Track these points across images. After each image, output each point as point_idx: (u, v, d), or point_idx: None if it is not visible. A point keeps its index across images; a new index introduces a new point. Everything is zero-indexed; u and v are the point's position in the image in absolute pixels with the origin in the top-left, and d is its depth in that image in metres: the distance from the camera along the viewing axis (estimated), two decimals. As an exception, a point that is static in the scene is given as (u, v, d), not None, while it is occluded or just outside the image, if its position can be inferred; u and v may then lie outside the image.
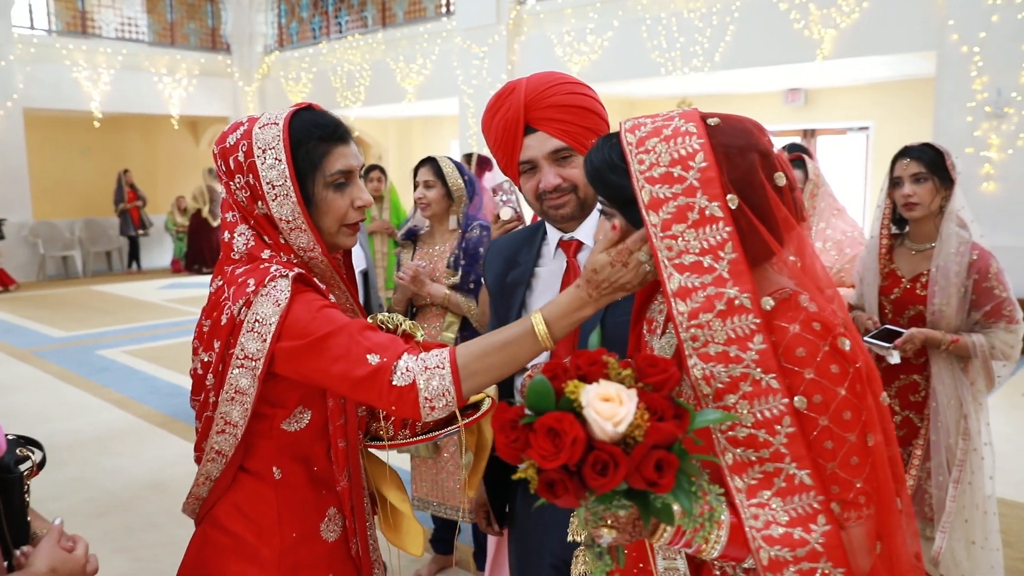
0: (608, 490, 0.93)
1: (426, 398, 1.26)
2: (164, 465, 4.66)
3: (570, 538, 1.13)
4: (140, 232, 14.39)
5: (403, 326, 1.55)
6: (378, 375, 1.26)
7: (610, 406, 0.94)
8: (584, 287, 1.24)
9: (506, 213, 2.03)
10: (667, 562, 1.22)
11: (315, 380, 1.33)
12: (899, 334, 2.44)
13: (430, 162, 3.12)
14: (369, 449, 1.63)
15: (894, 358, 2.42)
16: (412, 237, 3.26)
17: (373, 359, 1.27)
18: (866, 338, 2.47)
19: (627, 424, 0.94)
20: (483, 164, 6.35)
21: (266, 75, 14.96)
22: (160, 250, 15.36)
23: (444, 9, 12.32)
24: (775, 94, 11.50)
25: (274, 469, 1.44)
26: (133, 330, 9.00)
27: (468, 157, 6.51)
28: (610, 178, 1.18)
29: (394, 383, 1.25)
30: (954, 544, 2.39)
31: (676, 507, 1.00)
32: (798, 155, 3.13)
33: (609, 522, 1.00)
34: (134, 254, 14.69)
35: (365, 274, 5.21)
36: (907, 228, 2.61)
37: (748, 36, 8.76)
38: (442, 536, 3.31)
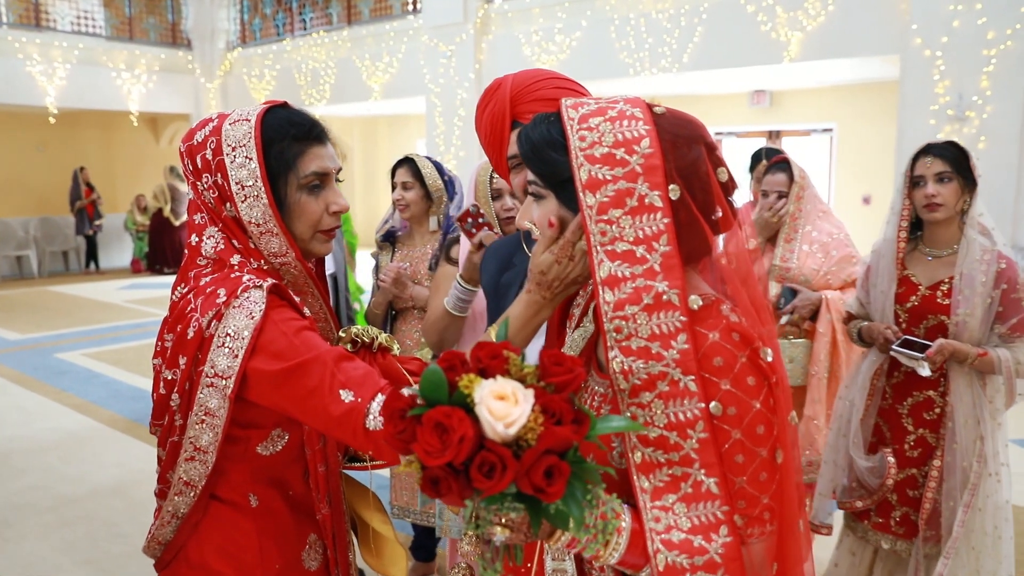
0: (495, 493, 0.87)
1: None
2: (128, 471, 4.52)
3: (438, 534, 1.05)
4: (94, 224, 13.91)
5: (379, 339, 1.49)
6: (351, 416, 1.17)
7: (504, 405, 0.87)
8: (536, 291, 1.19)
9: (489, 240, 1.99)
10: (556, 563, 1.19)
11: (286, 410, 1.24)
12: (921, 345, 2.26)
13: (408, 162, 3.04)
14: (348, 472, 1.55)
15: (925, 370, 2.25)
16: (391, 239, 3.18)
17: (347, 396, 1.18)
18: (894, 347, 2.32)
19: (519, 426, 0.86)
20: None
21: (228, 72, 14.67)
22: (119, 250, 14.98)
23: (411, 7, 12.19)
24: (741, 95, 11.61)
25: (250, 496, 1.34)
26: (93, 332, 8.75)
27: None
28: (548, 154, 1.12)
29: (368, 427, 1.16)
30: (957, 571, 2.26)
31: None
32: (783, 157, 3.11)
33: (503, 521, 0.94)
34: (92, 254, 14.29)
35: (335, 278, 5.11)
36: (920, 232, 2.45)
37: (716, 38, 8.81)
38: (423, 543, 3.25)
